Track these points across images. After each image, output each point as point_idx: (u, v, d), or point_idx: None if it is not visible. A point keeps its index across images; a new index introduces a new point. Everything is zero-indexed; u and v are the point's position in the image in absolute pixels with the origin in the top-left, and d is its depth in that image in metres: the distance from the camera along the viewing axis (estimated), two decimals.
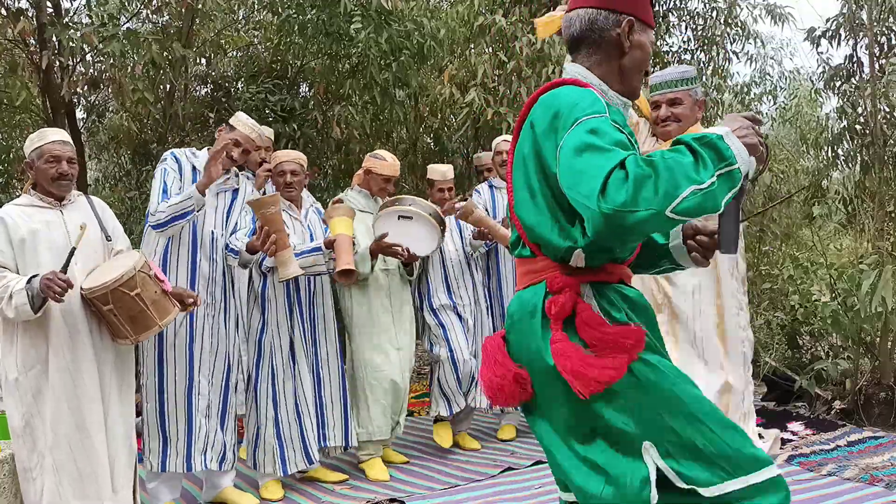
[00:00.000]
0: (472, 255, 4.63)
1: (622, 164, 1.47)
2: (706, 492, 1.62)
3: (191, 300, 3.18)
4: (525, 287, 1.79)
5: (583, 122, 1.58)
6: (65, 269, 2.81)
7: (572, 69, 1.79)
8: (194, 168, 3.58)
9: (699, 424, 1.64)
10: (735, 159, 1.51)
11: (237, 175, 3.75)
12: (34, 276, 2.78)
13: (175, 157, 3.58)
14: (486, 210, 4.71)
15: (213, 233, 3.60)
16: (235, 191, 3.71)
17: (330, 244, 3.71)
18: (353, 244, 3.76)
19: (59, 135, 3.05)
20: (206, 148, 3.67)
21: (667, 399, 1.65)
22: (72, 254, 2.85)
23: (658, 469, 1.63)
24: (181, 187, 3.47)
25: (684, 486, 1.62)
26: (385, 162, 4.24)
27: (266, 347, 3.84)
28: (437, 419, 4.55)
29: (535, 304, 1.73)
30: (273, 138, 4.65)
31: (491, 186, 4.89)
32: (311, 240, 3.93)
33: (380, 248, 4.00)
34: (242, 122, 3.59)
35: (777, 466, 1.66)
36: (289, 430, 3.83)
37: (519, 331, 1.77)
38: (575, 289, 1.69)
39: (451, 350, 4.41)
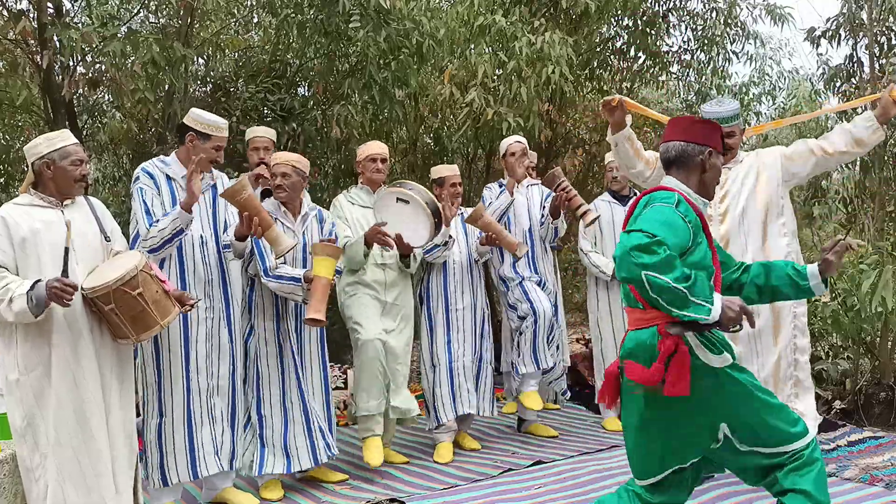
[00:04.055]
0: (478, 261, 4.64)
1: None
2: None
3: (191, 301, 3.18)
4: (635, 329, 2.45)
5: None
6: (65, 271, 2.81)
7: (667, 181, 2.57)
8: (168, 177, 3.56)
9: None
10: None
11: (210, 171, 3.70)
12: (38, 282, 2.78)
13: (147, 172, 3.53)
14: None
15: (202, 236, 3.59)
16: (213, 187, 3.69)
17: (309, 280, 3.67)
18: (330, 288, 3.72)
19: (73, 137, 3.09)
20: (173, 153, 3.65)
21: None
22: (66, 254, 2.85)
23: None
24: (162, 201, 3.47)
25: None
26: (367, 144, 4.46)
27: (251, 351, 3.84)
28: (438, 431, 4.49)
29: (649, 342, 2.38)
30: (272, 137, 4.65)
31: (501, 186, 4.91)
32: (304, 252, 3.93)
33: (373, 233, 3.99)
34: (204, 122, 3.56)
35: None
36: (271, 433, 3.81)
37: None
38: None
39: (436, 360, 4.41)
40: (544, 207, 4.85)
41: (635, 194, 5.09)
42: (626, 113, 3.83)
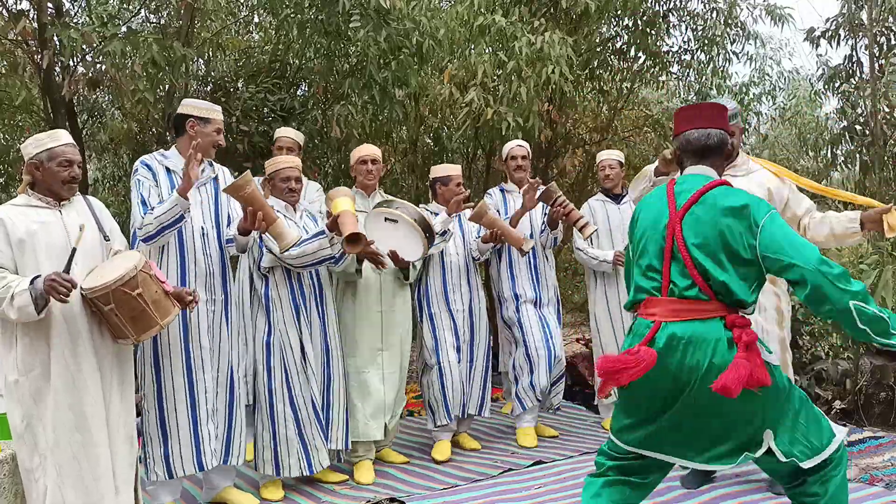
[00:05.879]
0: (479, 259, 4.64)
1: None
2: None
3: (189, 297, 3.17)
4: (688, 320, 2.34)
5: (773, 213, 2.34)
6: (67, 269, 2.81)
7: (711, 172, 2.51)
8: (168, 170, 3.54)
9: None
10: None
11: (211, 164, 3.70)
12: (36, 277, 2.78)
13: (145, 164, 3.53)
14: (498, 213, 4.73)
15: (203, 228, 3.58)
16: (215, 179, 3.68)
17: (333, 225, 3.68)
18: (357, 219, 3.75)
19: (68, 137, 3.06)
20: (173, 146, 3.65)
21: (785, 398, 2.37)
22: (73, 254, 2.85)
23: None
24: (160, 193, 3.46)
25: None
26: (358, 147, 4.47)
27: (275, 348, 3.83)
28: (438, 430, 4.50)
29: (716, 333, 2.31)
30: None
31: (502, 191, 4.92)
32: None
33: (363, 252, 3.97)
34: (201, 107, 3.57)
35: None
36: (310, 429, 3.84)
37: (697, 350, 2.31)
38: (749, 324, 2.35)
39: (439, 360, 4.41)
40: (545, 214, 4.82)
41: (626, 193, 5.04)
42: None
